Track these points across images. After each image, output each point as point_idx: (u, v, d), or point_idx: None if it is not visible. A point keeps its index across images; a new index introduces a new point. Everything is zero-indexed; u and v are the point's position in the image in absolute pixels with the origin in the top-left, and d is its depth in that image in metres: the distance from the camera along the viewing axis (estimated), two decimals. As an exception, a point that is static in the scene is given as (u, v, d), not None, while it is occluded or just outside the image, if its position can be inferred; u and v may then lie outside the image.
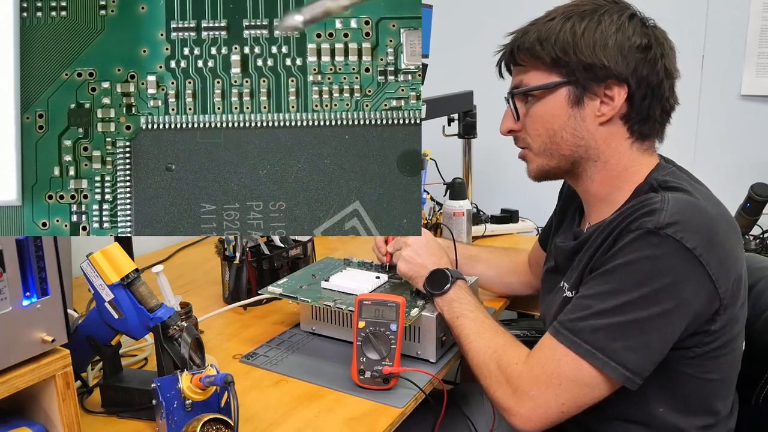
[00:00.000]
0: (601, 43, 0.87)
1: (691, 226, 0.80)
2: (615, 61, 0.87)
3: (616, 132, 0.91)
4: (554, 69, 0.90)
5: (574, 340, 0.82)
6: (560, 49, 0.88)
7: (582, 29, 0.87)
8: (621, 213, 0.86)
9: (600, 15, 0.88)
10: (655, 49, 0.88)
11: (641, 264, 0.80)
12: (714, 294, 0.81)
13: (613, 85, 0.88)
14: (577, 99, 0.89)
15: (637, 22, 0.89)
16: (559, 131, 0.91)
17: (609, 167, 0.92)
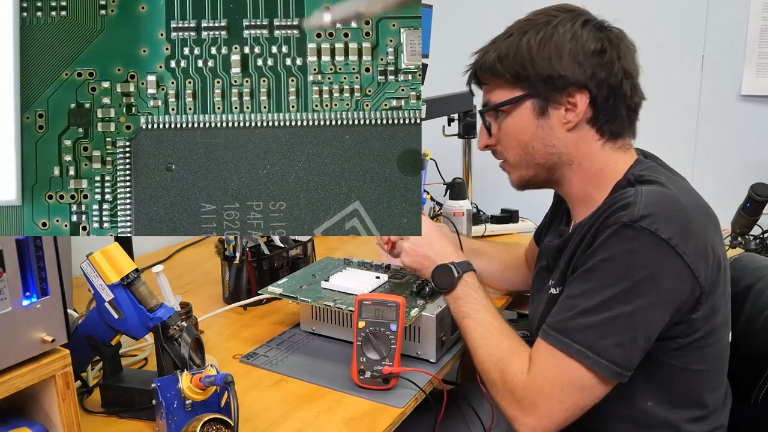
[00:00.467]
0: (556, 54, 0.89)
1: (664, 217, 0.81)
2: (572, 70, 0.89)
3: (585, 135, 0.93)
4: (516, 84, 0.93)
5: (564, 341, 0.83)
6: (519, 64, 0.91)
7: (537, 42, 0.90)
8: (599, 209, 0.88)
9: (554, 26, 0.91)
10: (611, 52, 0.90)
11: (620, 258, 0.82)
12: (694, 282, 0.83)
13: (574, 92, 0.90)
14: (542, 110, 0.92)
15: (590, 27, 0.91)
16: (530, 142, 0.94)
17: (584, 169, 0.94)
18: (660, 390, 0.89)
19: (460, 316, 0.97)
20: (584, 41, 0.90)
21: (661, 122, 1.87)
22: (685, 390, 0.90)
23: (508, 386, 0.87)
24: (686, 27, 1.78)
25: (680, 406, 0.90)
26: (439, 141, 1.72)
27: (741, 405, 1.00)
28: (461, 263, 1.01)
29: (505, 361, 0.89)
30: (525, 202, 1.69)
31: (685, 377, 0.89)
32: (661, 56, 1.83)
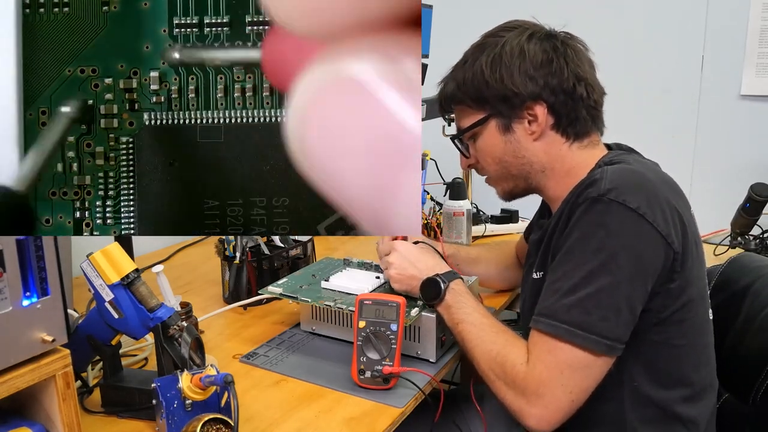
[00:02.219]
0: (507, 73, 0.94)
1: (629, 189, 0.85)
2: (524, 85, 0.94)
3: (552, 141, 0.97)
4: (479, 107, 0.99)
5: (553, 323, 0.85)
6: (475, 89, 0.97)
7: (489, 65, 0.95)
8: (571, 193, 0.92)
9: (501, 46, 0.95)
10: (557, 60, 0.94)
11: (593, 233, 0.85)
12: (667, 248, 0.85)
13: (531, 105, 0.95)
14: (506, 126, 0.98)
15: (535, 40, 0.95)
16: (503, 157, 1.00)
17: (557, 172, 0.99)
18: (645, 368, 0.90)
19: (454, 322, 0.97)
20: (531, 55, 0.94)
21: (661, 122, 1.87)
22: (669, 367, 0.91)
23: (509, 379, 0.87)
24: (686, 27, 1.78)
25: (667, 385, 0.91)
26: (439, 141, 1.71)
27: (739, 404, 1.00)
28: (446, 273, 1.02)
29: (503, 354, 0.89)
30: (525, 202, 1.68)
31: (667, 353, 0.90)
32: (660, 56, 1.83)
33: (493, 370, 0.90)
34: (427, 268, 1.04)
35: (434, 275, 1.01)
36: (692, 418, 0.92)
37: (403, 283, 1.06)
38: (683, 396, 0.92)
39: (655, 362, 0.90)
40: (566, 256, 0.88)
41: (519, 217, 1.77)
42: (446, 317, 0.99)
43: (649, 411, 0.91)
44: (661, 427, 0.91)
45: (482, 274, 1.25)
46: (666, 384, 0.91)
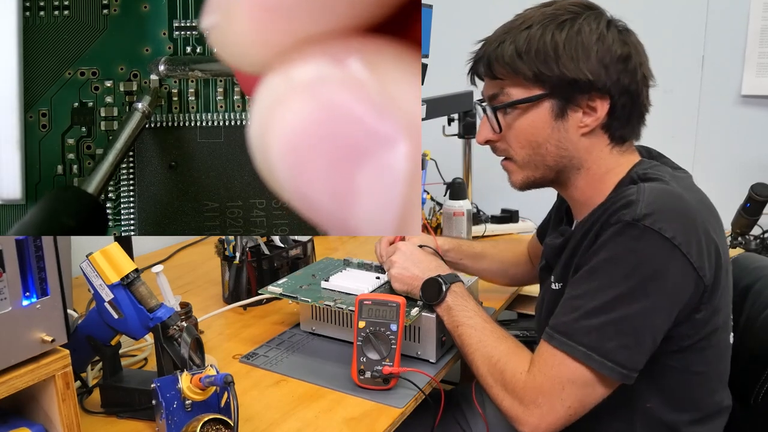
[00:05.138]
0: (583, 55, 0.85)
1: (667, 215, 0.80)
2: (598, 74, 0.85)
3: (597, 140, 0.91)
4: (536, 82, 0.88)
5: (569, 343, 0.82)
6: (542, 62, 0.86)
7: (563, 41, 0.85)
8: (601, 206, 0.87)
9: (579, 24, 0.86)
10: (635, 58, 0.88)
11: (623, 258, 0.81)
12: (698, 280, 0.81)
13: (596, 97, 0.87)
14: (561, 111, 0.88)
15: (614, 30, 0.88)
16: (544, 143, 0.90)
17: (591, 173, 0.92)
18: (660, 391, 0.88)
19: (454, 325, 0.96)
20: (611, 44, 0.86)
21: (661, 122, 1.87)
22: (685, 392, 0.89)
23: (507, 386, 0.86)
24: (686, 27, 1.78)
25: (680, 408, 0.89)
26: (439, 141, 1.72)
27: (740, 405, 1.00)
28: (447, 275, 1.01)
29: (504, 361, 0.88)
30: (525, 202, 1.69)
31: (685, 379, 0.88)
32: (661, 56, 1.82)
33: (492, 375, 0.89)
34: (429, 269, 1.04)
35: (436, 276, 1.01)
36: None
37: (404, 282, 1.05)
38: (694, 418, 0.90)
39: (671, 387, 0.88)
40: (591, 275, 0.83)
41: (519, 217, 1.77)
42: (446, 319, 0.98)
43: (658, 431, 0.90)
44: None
45: (486, 270, 1.24)
46: (679, 407, 0.89)
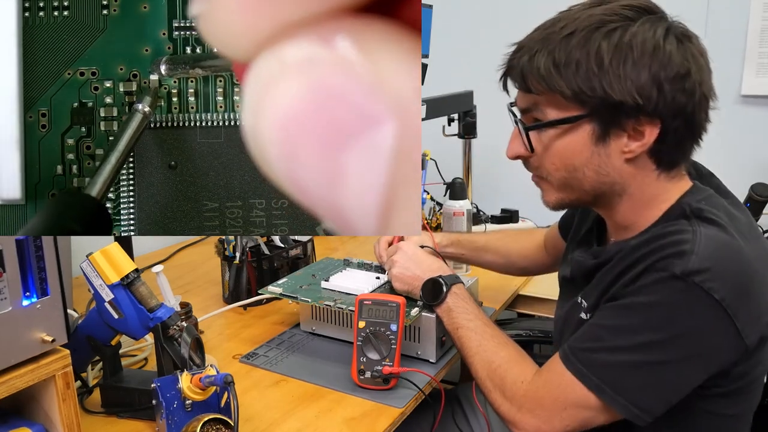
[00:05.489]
0: (633, 73, 0.73)
1: (722, 274, 0.72)
2: (648, 96, 0.74)
3: (643, 166, 0.80)
4: (575, 101, 0.76)
5: (584, 372, 0.77)
6: (584, 80, 0.74)
7: (610, 54, 0.73)
8: (648, 240, 0.77)
9: (632, 33, 0.74)
10: (695, 76, 0.76)
11: (662, 308, 0.73)
12: (739, 344, 0.74)
13: (644, 120, 0.75)
14: (602, 135, 0.77)
15: (672, 40, 0.75)
16: (581, 168, 0.80)
17: (635, 199, 0.82)
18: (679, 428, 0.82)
19: (454, 327, 0.95)
20: (667, 60, 0.74)
21: (661, 122, 1.87)
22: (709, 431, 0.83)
23: (507, 393, 0.84)
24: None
25: None
26: (439, 141, 1.72)
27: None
28: (449, 276, 1.01)
29: (505, 368, 0.86)
30: (525, 202, 1.69)
31: (713, 422, 0.82)
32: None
33: (491, 380, 0.87)
34: (431, 269, 1.04)
35: (437, 276, 1.01)
36: None
37: (405, 282, 1.05)
38: None
39: (696, 427, 0.82)
40: (624, 311, 0.76)
41: (519, 217, 1.77)
42: (446, 320, 0.97)
43: None
44: None
45: (491, 263, 1.23)
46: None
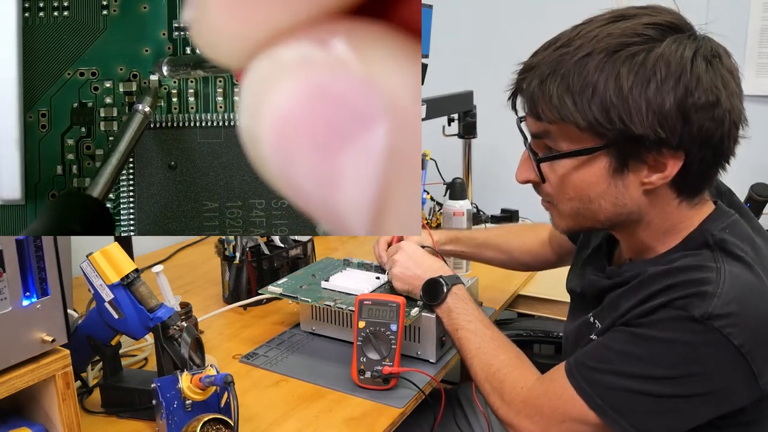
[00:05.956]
0: (656, 104, 0.67)
1: (744, 320, 0.68)
2: (673, 129, 0.68)
3: (664, 195, 0.75)
4: (591, 132, 0.70)
5: (588, 391, 0.75)
6: (600, 111, 0.68)
7: (630, 82, 0.67)
8: (669, 272, 0.73)
9: (656, 57, 0.67)
10: (725, 104, 0.69)
11: (677, 347, 0.70)
12: (753, 387, 0.71)
13: (666, 153, 0.70)
14: (620, 167, 0.72)
15: (701, 61, 0.68)
16: (596, 199, 0.75)
17: (653, 226, 0.78)
18: None
19: (453, 328, 0.95)
20: (695, 85, 0.67)
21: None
22: None
23: (506, 398, 0.83)
24: (686, 27, 1.78)
25: None
26: (439, 141, 1.72)
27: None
28: (449, 277, 1.00)
29: (504, 372, 0.85)
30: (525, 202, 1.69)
31: None
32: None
33: (490, 383, 0.86)
34: (432, 269, 1.03)
35: (438, 276, 1.00)
36: None
37: (405, 282, 1.05)
38: None
39: None
40: (635, 338, 0.73)
41: (519, 216, 1.77)
42: (446, 321, 0.97)
43: None
44: None
45: (493, 259, 1.23)
46: None
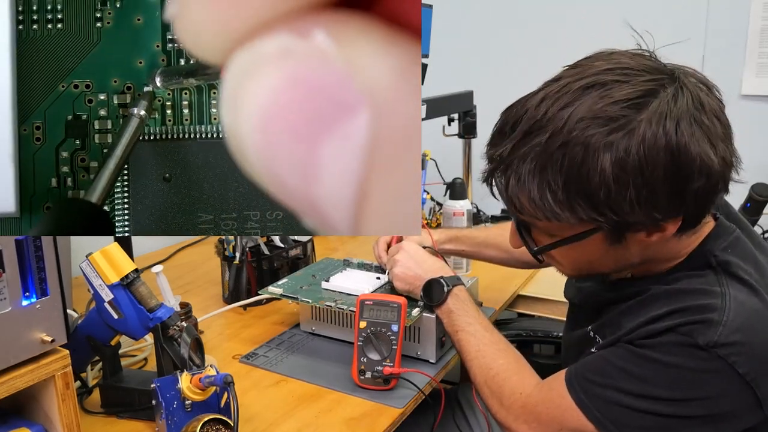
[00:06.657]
0: (649, 199, 0.66)
1: (749, 349, 0.68)
2: (667, 209, 0.68)
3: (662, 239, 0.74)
4: (579, 221, 0.70)
5: (586, 403, 0.74)
6: (589, 209, 0.67)
7: (616, 180, 0.65)
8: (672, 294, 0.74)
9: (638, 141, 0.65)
10: (717, 166, 0.67)
11: (679, 372, 0.70)
12: (757, 413, 0.71)
13: (663, 223, 0.70)
14: (617, 238, 0.72)
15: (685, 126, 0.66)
16: (596, 262, 0.78)
17: (654, 260, 0.78)
18: None
19: (453, 329, 0.95)
20: (684, 161, 0.65)
21: (661, 122, 1.87)
22: None
23: (504, 402, 0.83)
24: (686, 27, 1.78)
25: None
26: (439, 141, 1.72)
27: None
28: (450, 277, 1.00)
29: (503, 377, 0.85)
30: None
31: None
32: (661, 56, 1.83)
33: (488, 386, 0.86)
34: (432, 270, 1.03)
35: (438, 277, 1.00)
36: None
37: (406, 282, 1.05)
38: None
39: None
40: (637, 357, 0.72)
41: (519, 217, 1.77)
42: (446, 322, 0.97)
43: None
44: None
45: (493, 257, 1.23)
46: None
